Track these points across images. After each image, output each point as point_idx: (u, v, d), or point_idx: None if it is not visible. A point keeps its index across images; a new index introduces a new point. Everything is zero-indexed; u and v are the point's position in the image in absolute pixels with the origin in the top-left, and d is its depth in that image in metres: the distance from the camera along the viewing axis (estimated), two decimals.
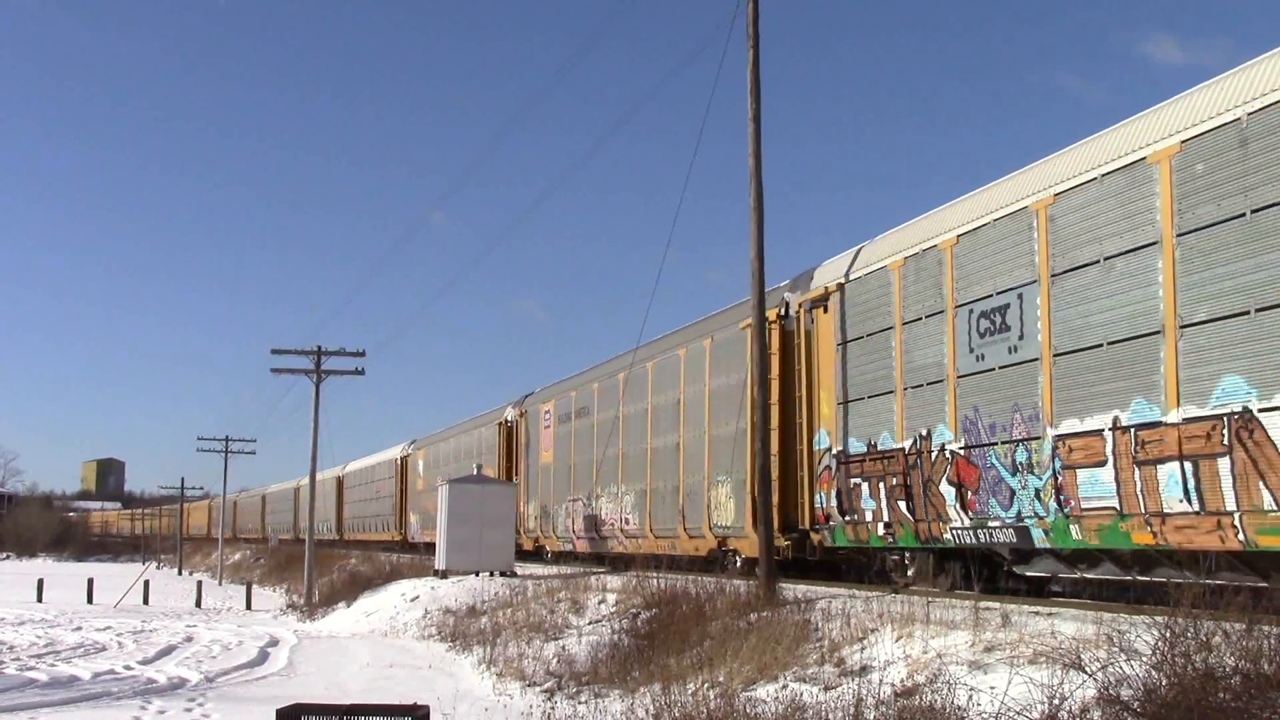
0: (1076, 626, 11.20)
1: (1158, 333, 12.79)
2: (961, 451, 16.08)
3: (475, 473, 33.83)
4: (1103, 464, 13.44)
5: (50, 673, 20.86)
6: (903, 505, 17.32)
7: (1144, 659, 9.02)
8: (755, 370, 18.97)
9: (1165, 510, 12.56)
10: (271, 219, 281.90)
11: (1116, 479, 13.24)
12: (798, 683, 12.50)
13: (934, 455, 16.67)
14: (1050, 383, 14.42)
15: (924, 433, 16.91)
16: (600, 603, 21.98)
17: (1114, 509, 13.28)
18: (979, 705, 9.65)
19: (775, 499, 19.86)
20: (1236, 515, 11.72)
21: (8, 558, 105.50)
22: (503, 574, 30.59)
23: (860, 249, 19.30)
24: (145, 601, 45.10)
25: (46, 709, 16.46)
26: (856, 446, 18.51)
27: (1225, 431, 11.89)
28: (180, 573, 79.18)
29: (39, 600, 45.22)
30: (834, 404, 19.32)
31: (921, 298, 17.13)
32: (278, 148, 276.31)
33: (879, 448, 17.94)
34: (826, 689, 11.94)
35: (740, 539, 22.49)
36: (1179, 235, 12.55)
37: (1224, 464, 11.86)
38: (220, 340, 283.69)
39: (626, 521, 28.44)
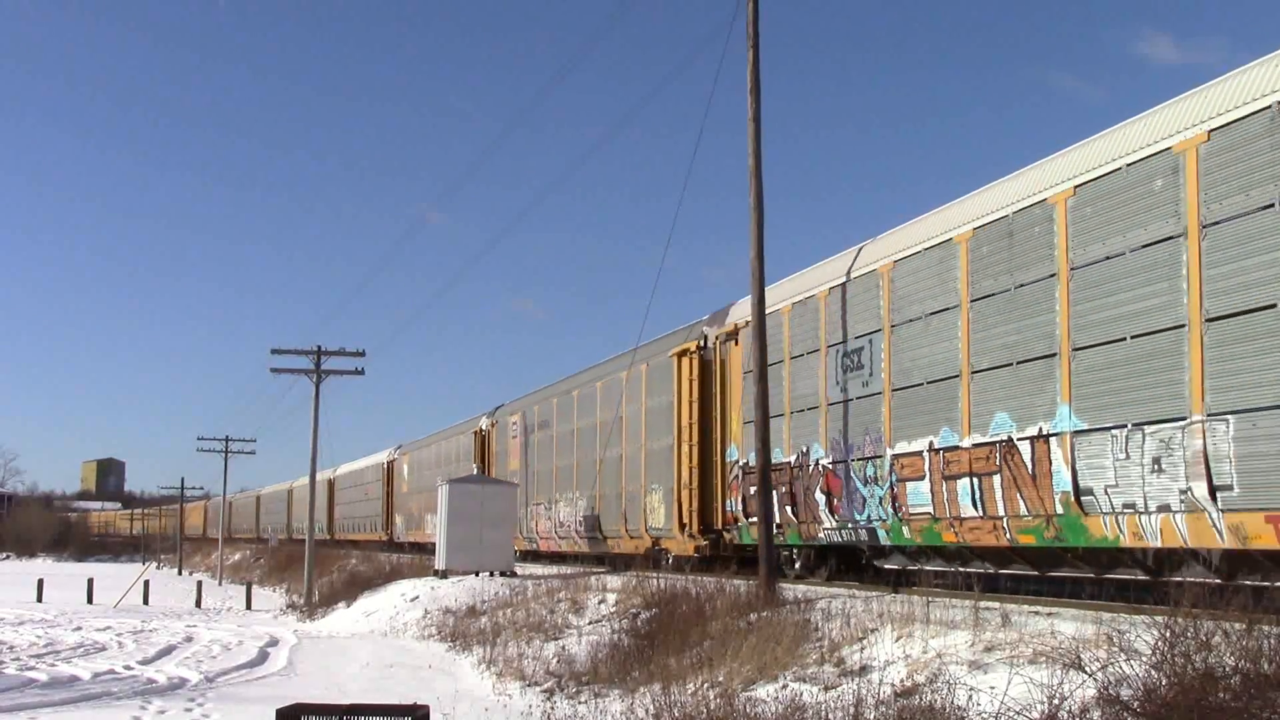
0: (1076, 626, 11.21)
1: (956, 376, 16.13)
2: (830, 466, 19.36)
3: (474, 473, 33.82)
4: (922, 478, 16.72)
5: (50, 673, 20.85)
6: (789, 509, 20.44)
7: (1144, 659, 9.02)
8: (755, 366, 18.94)
9: (962, 515, 15.99)
10: (271, 219, 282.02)
11: (931, 490, 16.61)
12: (798, 683, 12.50)
13: (811, 468, 19.98)
14: (889, 412, 17.79)
15: (804, 449, 20.22)
16: (600, 603, 21.99)
17: (930, 514, 16.67)
18: (979, 705, 9.65)
19: (696, 504, 24.10)
20: (1005, 519, 15.16)
21: (8, 558, 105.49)
22: (503, 574, 30.60)
23: (783, 281, 21.92)
24: (145, 601, 45.10)
25: (46, 709, 16.46)
26: (753, 460, 20.26)
27: (997, 455, 15.30)
28: (180, 573, 79.20)
29: (39, 600, 45.22)
30: (741, 423, 22.36)
31: (803, 338, 20.48)
32: (278, 147, 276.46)
33: (776, 461, 20.47)
34: (826, 689, 11.94)
35: (670, 539, 25.64)
36: (972, 301, 15.97)
37: (997, 479, 15.30)
38: (220, 340, 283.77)
39: (580, 524, 31.78)
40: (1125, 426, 13.29)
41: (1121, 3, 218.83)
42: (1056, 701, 8.88)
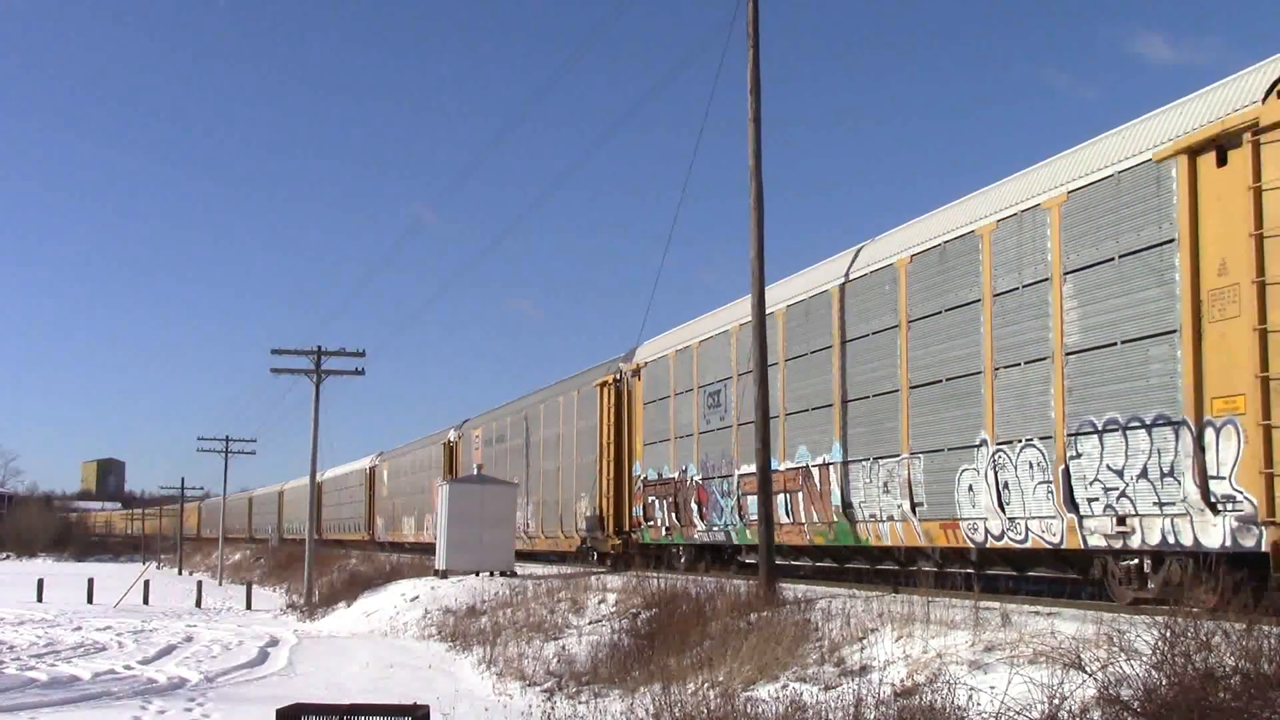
0: (1076, 626, 11.20)
1: (776, 417, 20.57)
2: (701, 481, 24.40)
3: (475, 473, 33.84)
4: (756, 493, 19.51)
5: (50, 673, 20.86)
6: (674, 516, 25.67)
7: (1144, 659, 9.02)
8: (755, 367, 18.95)
9: (780, 522, 20.49)
10: (271, 219, 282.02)
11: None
12: (798, 682, 12.50)
13: (688, 483, 25.05)
14: (737, 441, 22.68)
15: (684, 468, 25.31)
16: (600, 603, 21.99)
17: (761, 519, 19.29)
18: (979, 705, 9.65)
19: (613, 510, 29.42)
20: (805, 525, 20.38)
21: (8, 558, 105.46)
22: (503, 574, 30.59)
23: (658, 339, 27.70)
24: (145, 601, 45.10)
25: (46, 709, 16.46)
26: (652, 474, 27.04)
27: (800, 477, 20.45)
28: (180, 573, 79.18)
29: (39, 600, 45.21)
30: (643, 444, 27.81)
31: (682, 378, 25.65)
32: (278, 147, 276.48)
33: (664, 476, 26.37)
34: (826, 689, 11.94)
35: (598, 538, 31.32)
36: (786, 360, 20.99)
37: (800, 495, 20.48)
38: (220, 340, 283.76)
39: (528, 525, 36.83)
40: (869, 460, 18.43)
41: (1116, 2, 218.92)
42: (1056, 701, 8.88)
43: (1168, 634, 8.99)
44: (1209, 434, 12.30)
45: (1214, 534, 12.25)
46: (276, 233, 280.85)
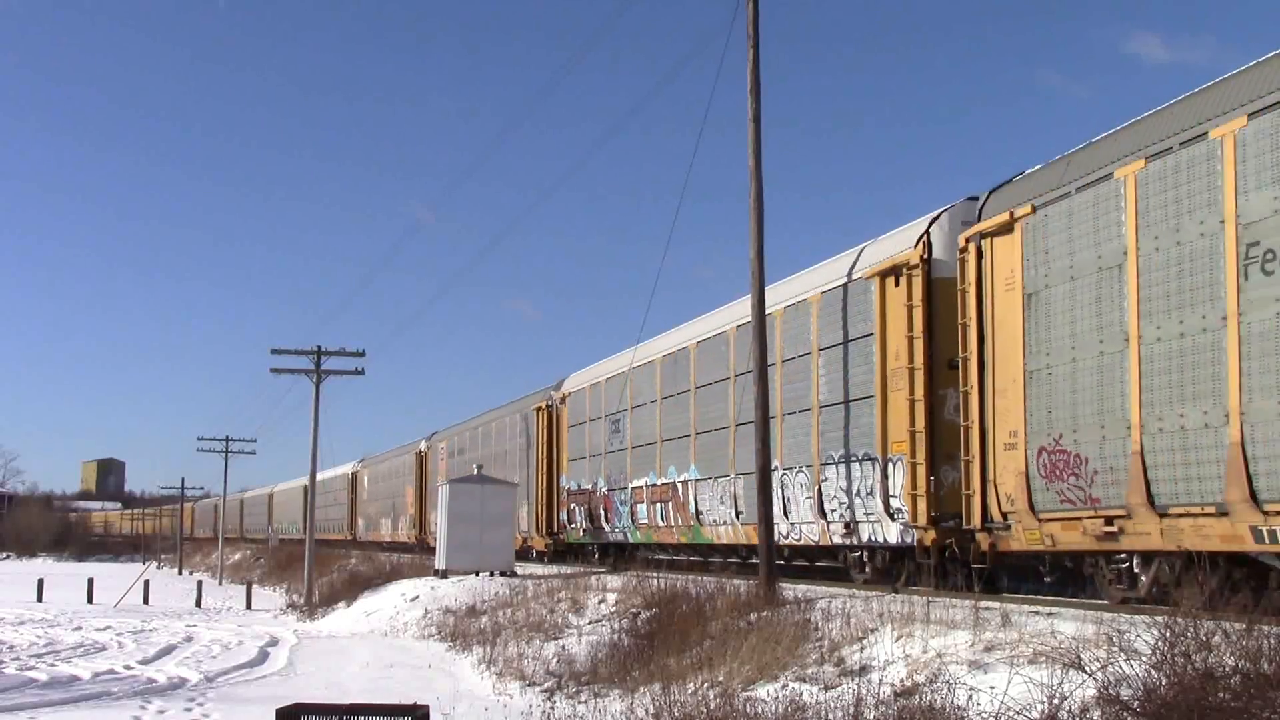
0: (1076, 626, 11.20)
1: (654, 443, 26.97)
2: (607, 492, 30.29)
3: (475, 472, 33.85)
4: (643, 502, 27.52)
5: (50, 673, 20.86)
6: (589, 520, 31.73)
7: (1144, 659, 9.02)
8: (755, 368, 18.95)
9: (658, 525, 26.84)
10: (271, 219, 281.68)
11: (648, 509, 27.46)
12: (798, 682, 12.50)
13: (599, 493, 30.86)
14: (630, 461, 28.64)
15: (596, 481, 31.07)
16: (600, 602, 21.99)
17: (647, 524, 27.51)
18: (979, 705, 9.65)
19: (545, 515, 35.84)
20: (675, 527, 25.97)
21: (8, 558, 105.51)
22: (503, 574, 30.60)
23: (579, 373, 34.03)
24: (145, 601, 45.13)
25: (46, 709, 16.46)
26: (574, 486, 33.09)
27: (671, 490, 26.01)
28: (180, 573, 79.24)
29: (39, 600, 45.24)
30: (569, 460, 33.73)
31: (595, 408, 31.58)
32: (278, 147, 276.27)
33: (582, 487, 32.41)
34: (826, 689, 11.94)
35: (533, 539, 37.38)
36: (663, 398, 26.75)
37: (671, 504, 26.04)
38: (220, 340, 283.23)
39: None
40: (712, 478, 23.91)
41: (1110, 2, 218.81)
42: (1056, 701, 8.88)
43: (1167, 634, 8.98)
44: (890, 467, 17.80)
45: (893, 533, 17.91)
46: (276, 233, 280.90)
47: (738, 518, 22.50)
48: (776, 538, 19.68)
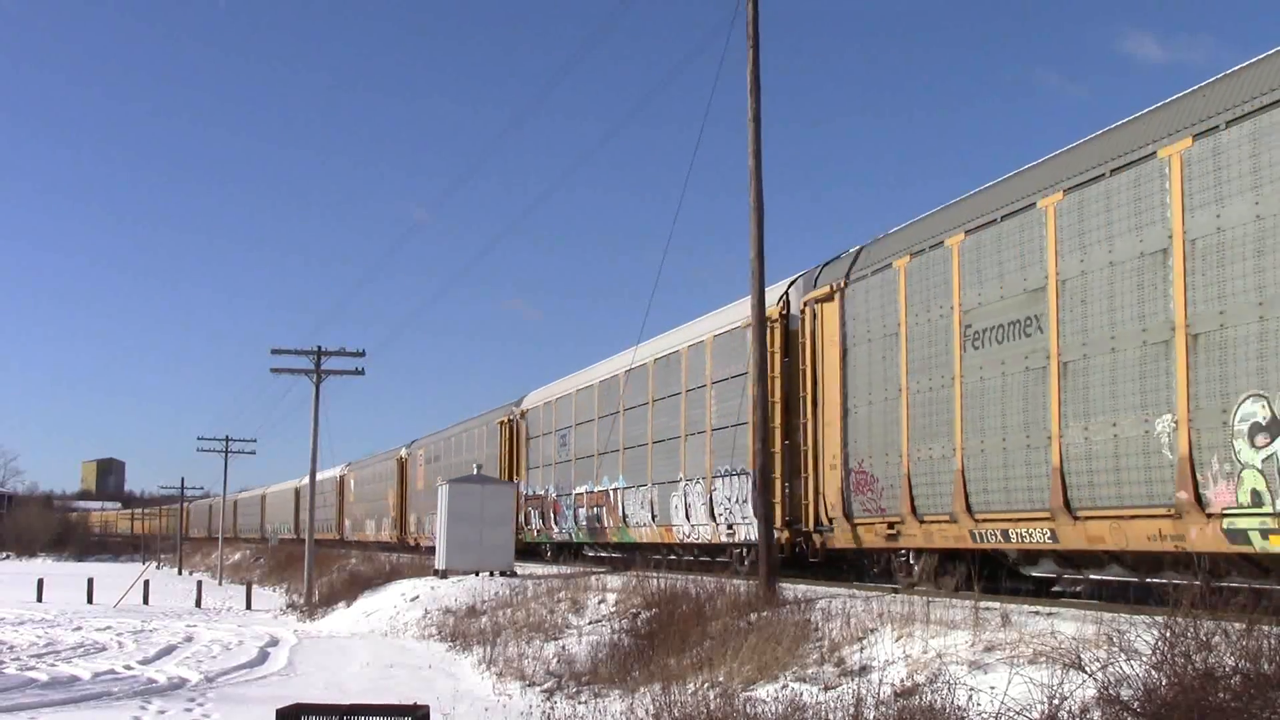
0: (1076, 626, 11.20)
1: (592, 456, 31.41)
2: (557, 497, 34.61)
3: (475, 472, 33.85)
4: (584, 506, 31.78)
5: (50, 673, 20.85)
6: (543, 521, 36.08)
7: (1144, 659, 9.01)
8: (754, 369, 18.95)
9: (596, 526, 31.06)
10: (271, 219, 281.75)
11: (587, 513, 31.67)
12: (798, 682, 12.50)
13: (550, 498, 35.20)
14: (574, 471, 32.82)
15: (549, 487, 35.39)
16: (600, 602, 21.98)
17: (587, 525, 31.88)
18: (979, 705, 9.65)
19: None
20: (608, 529, 30.13)
21: (8, 558, 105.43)
22: (503, 574, 30.59)
23: (537, 391, 38.67)
24: (145, 601, 45.11)
25: (46, 709, 16.46)
26: (531, 491, 37.38)
27: (606, 497, 30.24)
28: (180, 573, 79.21)
29: (39, 600, 45.21)
30: (526, 468, 38.12)
31: (548, 423, 35.89)
32: (277, 148, 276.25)
33: (536, 493, 36.72)
34: (826, 689, 11.94)
35: None
36: (599, 418, 31.07)
37: (604, 508, 30.20)
38: (220, 340, 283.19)
39: None
40: (635, 486, 28.38)
41: (1106, 1, 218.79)
42: (1056, 701, 8.88)
43: (1168, 634, 8.98)
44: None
45: (754, 531, 21.29)
46: (277, 233, 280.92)
47: (654, 520, 27.35)
48: (680, 537, 25.70)
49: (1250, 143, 12.14)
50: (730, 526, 23.13)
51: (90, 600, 45.21)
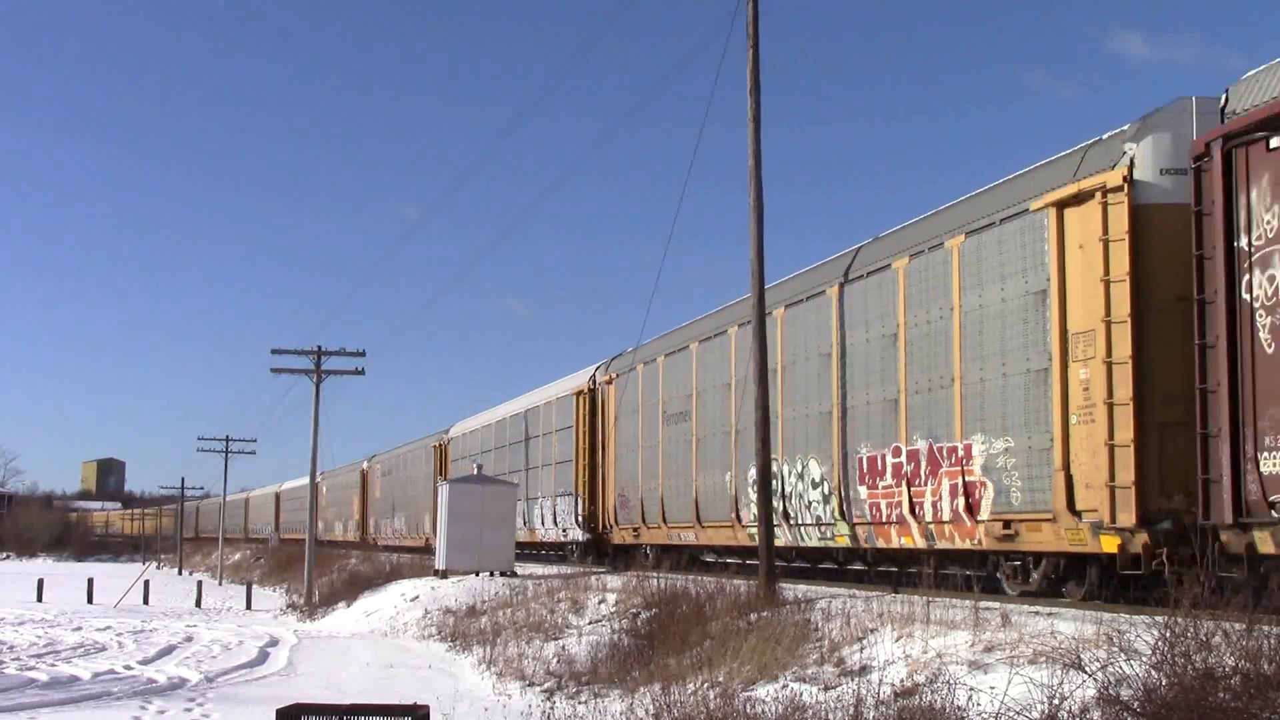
0: (1076, 626, 11.20)
1: (505, 474, 37.34)
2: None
3: (475, 472, 33.87)
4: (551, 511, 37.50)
5: (50, 673, 20.85)
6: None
7: (1144, 659, 9.01)
8: (755, 369, 18.95)
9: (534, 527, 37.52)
10: (271, 219, 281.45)
11: (543, 513, 36.24)
12: (798, 683, 12.50)
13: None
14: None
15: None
16: (600, 603, 21.98)
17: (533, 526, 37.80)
18: (979, 705, 9.65)
19: (435, 521, 44.64)
20: (521, 530, 36.19)
21: (8, 558, 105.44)
22: (503, 574, 30.59)
23: (464, 421, 47.77)
24: (145, 601, 45.11)
25: (46, 709, 16.46)
26: None
27: (541, 502, 36.68)
28: (180, 573, 79.22)
29: (39, 600, 45.21)
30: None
31: (469, 449, 44.37)
32: (277, 148, 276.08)
33: None
34: (826, 689, 11.95)
35: (434, 538, 44.34)
36: (510, 444, 39.98)
37: (520, 515, 35.85)
38: (220, 340, 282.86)
39: (402, 530, 54.86)
40: (540, 498, 35.70)
41: (1092, 1, 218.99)
42: (1056, 701, 8.88)
43: (1168, 634, 8.98)
44: (579, 499, 32.56)
45: (580, 535, 32.70)
46: (276, 233, 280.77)
47: (555, 523, 34.67)
48: (540, 537, 35.87)
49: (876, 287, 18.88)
50: (564, 530, 34.00)
51: (90, 600, 45.21)
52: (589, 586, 23.83)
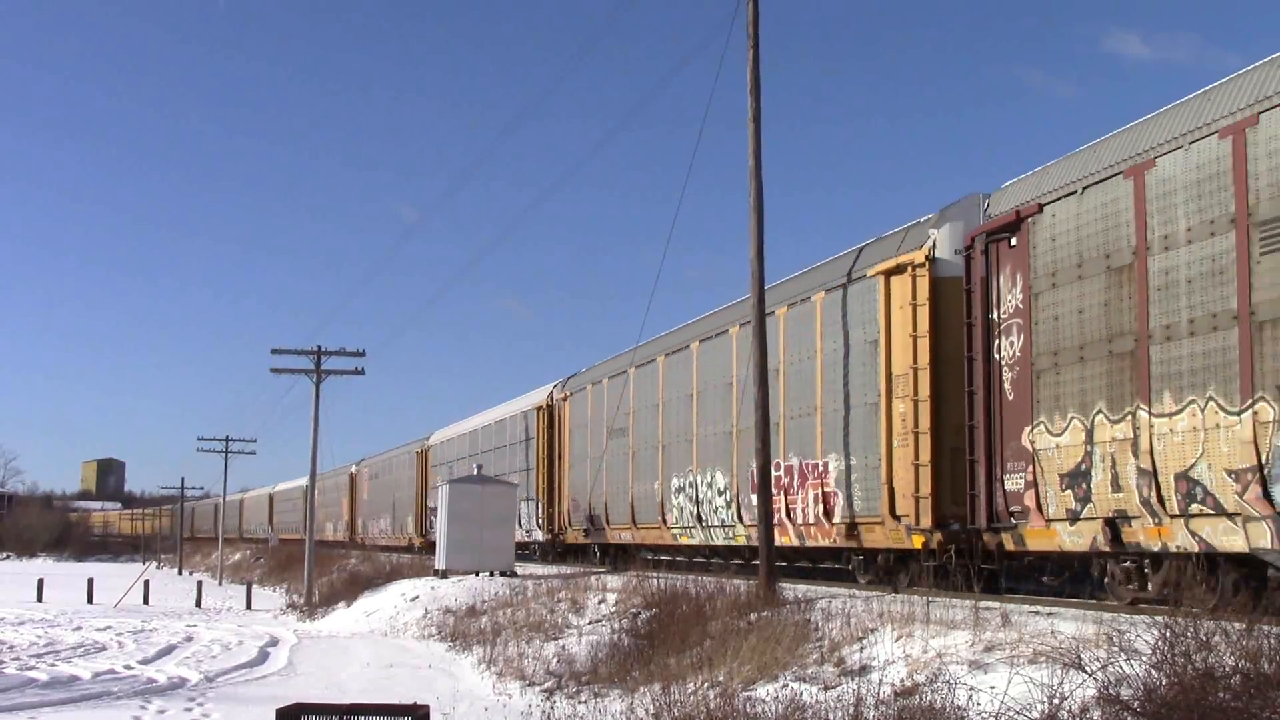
0: (1076, 626, 11.20)
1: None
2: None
3: (475, 472, 33.86)
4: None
5: (50, 672, 20.85)
6: (435, 526, 41.57)
7: (1144, 659, 9.02)
8: (755, 370, 18.95)
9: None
10: (271, 219, 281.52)
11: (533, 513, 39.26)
12: (798, 682, 12.50)
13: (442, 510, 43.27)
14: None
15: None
16: (600, 602, 21.97)
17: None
18: (979, 705, 9.65)
19: (417, 522, 52.00)
20: (530, 530, 37.93)
21: (8, 558, 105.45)
22: (503, 574, 30.58)
23: (443, 430, 51.07)
24: (145, 601, 45.10)
25: (46, 709, 16.45)
26: (433, 505, 42.22)
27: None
28: (180, 573, 79.22)
29: (39, 600, 45.20)
30: (430, 486, 48.23)
31: (446, 456, 47.98)
32: (277, 148, 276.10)
33: (434, 507, 42.06)
34: (826, 689, 11.94)
35: (415, 538, 51.63)
36: (470, 455, 43.26)
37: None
38: (220, 340, 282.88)
39: (389, 529, 58.35)
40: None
41: (1089, 1, 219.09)
42: (1056, 701, 8.88)
43: (1168, 634, 8.99)
44: (539, 504, 36.59)
45: (541, 536, 37.08)
46: (276, 233, 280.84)
47: (521, 524, 36.99)
48: (518, 538, 35.36)
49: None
50: (529, 531, 37.43)
51: (90, 600, 45.20)
52: (589, 586, 23.82)
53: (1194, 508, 12.34)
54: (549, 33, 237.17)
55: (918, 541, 17.07)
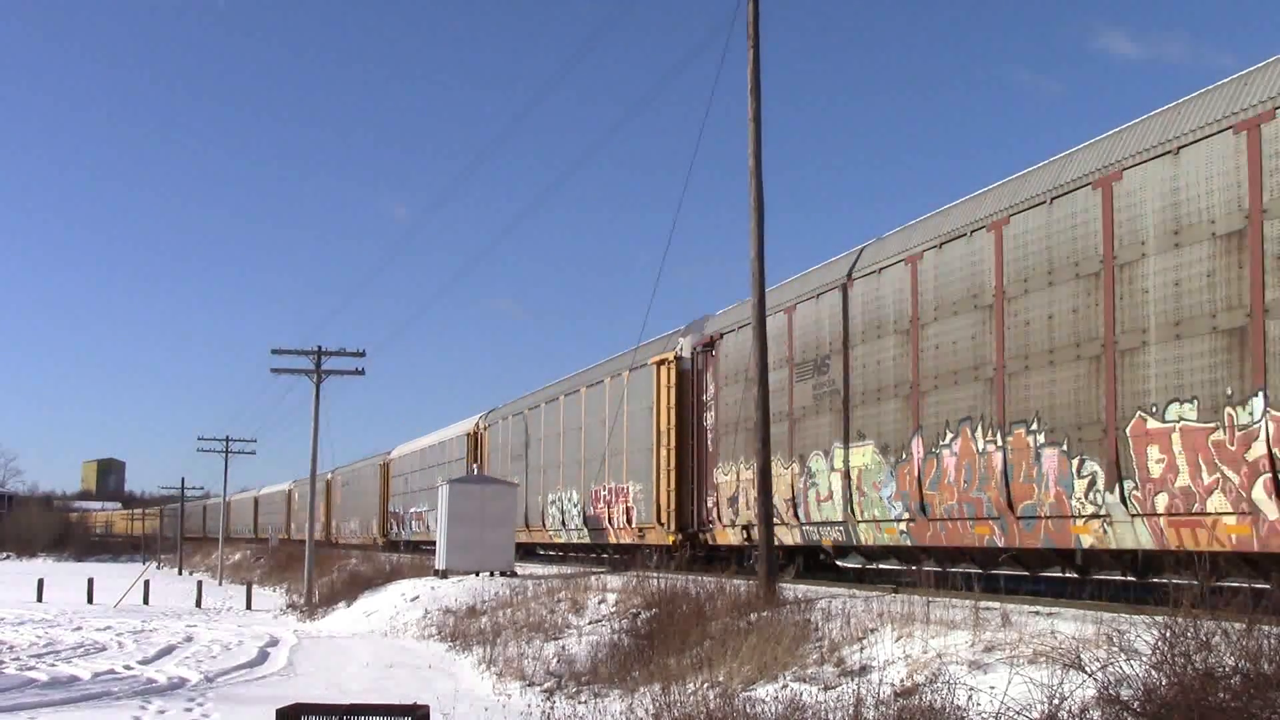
0: (1076, 626, 11.20)
1: (421, 490, 50.50)
2: (403, 513, 54.33)
3: (475, 473, 33.87)
4: (420, 521, 51.23)
5: (50, 673, 20.84)
6: (398, 526, 56.11)
7: (1144, 659, 9.01)
8: (756, 370, 18.94)
9: (423, 532, 49.42)
10: (271, 220, 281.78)
11: (418, 524, 51.52)
12: (798, 683, 12.49)
13: (407, 515, 53.88)
14: (412, 500, 52.72)
15: (404, 509, 54.76)
16: (600, 602, 21.97)
17: (414, 531, 52.42)
18: (979, 705, 9.65)
19: (380, 523, 60.80)
20: (426, 532, 48.18)
21: (8, 558, 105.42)
22: (503, 574, 30.58)
23: (405, 444, 58.10)
24: (145, 601, 45.09)
25: (46, 709, 16.45)
26: (397, 510, 56.92)
27: (422, 516, 50.03)
28: (180, 573, 79.21)
29: (39, 600, 45.19)
30: (393, 495, 58.40)
31: (402, 468, 56.20)
32: (278, 148, 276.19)
33: (397, 511, 57.02)
34: (826, 689, 11.94)
35: (379, 537, 59.13)
36: (421, 469, 51.73)
37: (421, 522, 50.43)
38: (220, 340, 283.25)
39: (358, 530, 65.45)
40: (430, 509, 44.01)
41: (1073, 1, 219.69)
42: (1056, 701, 8.88)
43: (1168, 634, 8.98)
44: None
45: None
46: (276, 234, 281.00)
47: (429, 530, 43.11)
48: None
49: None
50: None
51: (90, 600, 45.20)
52: (589, 586, 23.82)
53: (744, 519, 23.18)
54: (550, 33, 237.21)
55: (671, 539, 26.93)
